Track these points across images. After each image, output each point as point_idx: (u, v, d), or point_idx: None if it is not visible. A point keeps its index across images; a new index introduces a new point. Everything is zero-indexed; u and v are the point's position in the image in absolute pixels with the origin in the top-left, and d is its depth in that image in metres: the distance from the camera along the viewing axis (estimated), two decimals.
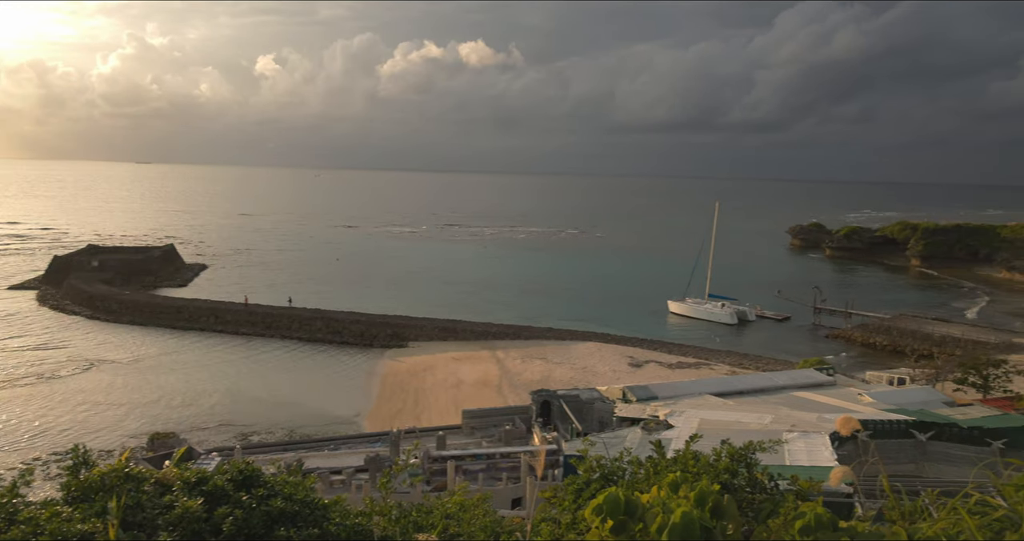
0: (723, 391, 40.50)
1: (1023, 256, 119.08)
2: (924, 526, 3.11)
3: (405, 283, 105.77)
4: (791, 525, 3.16)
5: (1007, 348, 66.05)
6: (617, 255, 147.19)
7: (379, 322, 74.44)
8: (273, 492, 4.69)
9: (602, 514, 3.22)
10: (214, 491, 4.53)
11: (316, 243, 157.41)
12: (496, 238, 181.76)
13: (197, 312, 78.01)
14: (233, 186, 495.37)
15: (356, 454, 34.55)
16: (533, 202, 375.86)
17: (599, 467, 6.02)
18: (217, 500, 4.46)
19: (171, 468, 4.82)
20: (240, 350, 68.01)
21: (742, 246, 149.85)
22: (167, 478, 4.62)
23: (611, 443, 26.61)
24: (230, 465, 4.94)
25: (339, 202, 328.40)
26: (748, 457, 5.57)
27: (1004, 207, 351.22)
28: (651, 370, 60.08)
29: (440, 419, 44.81)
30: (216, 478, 4.67)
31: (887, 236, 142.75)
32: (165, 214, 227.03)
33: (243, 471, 4.79)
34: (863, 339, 75.45)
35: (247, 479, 4.76)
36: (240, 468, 4.83)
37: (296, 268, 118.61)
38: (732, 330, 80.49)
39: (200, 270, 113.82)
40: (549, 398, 38.73)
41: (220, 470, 4.87)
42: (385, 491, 5.45)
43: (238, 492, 4.60)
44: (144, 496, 4.22)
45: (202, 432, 46.11)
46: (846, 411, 33.55)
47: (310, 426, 47.25)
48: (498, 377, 58.30)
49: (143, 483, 4.44)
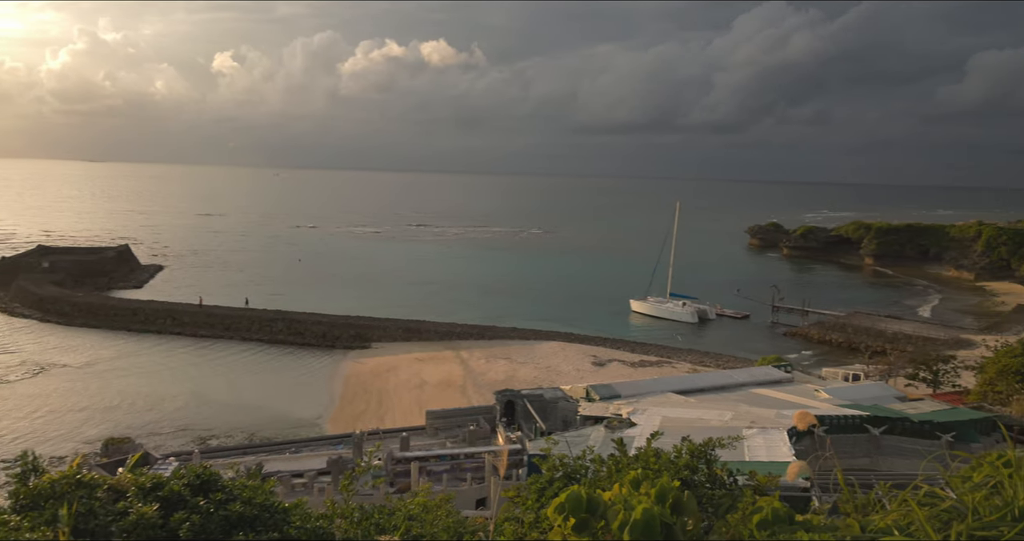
0: (685, 389, 41.08)
1: (970, 255, 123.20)
2: (876, 518, 3.20)
3: (368, 284, 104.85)
4: (749, 519, 3.22)
5: (956, 344, 68.31)
6: (580, 255, 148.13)
7: (342, 323, 73.65)
8: (231, 496, 4.60)
9: (564, 512, 3.23)
10: (170, 496, 4.43)
11: (277, 243, 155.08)
12: (460, 238, 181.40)
13: (153, 314, 76.20)
14: (190, 185, 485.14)
15: (318, 457, 34.11)
16: (496, 202, 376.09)
17: (562, 466, 6.05)
18: (173, 506, 4.37)
19: (125, 474, 4.70)
20: (199, 352, 66.63)
21: (703, 246, 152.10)
22: (121, 484, 4.50)
23: (574, 442, 26.77)
24: (187, 470, 4.84)
25: (300, 202, 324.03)
26: (708, 454, 5.66)
27: (952, 207, 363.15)
28: (614, 369, 60.58)
29: (404, 420, 44.53)
30: (172, 483, 4.56)
31: (842, 236, 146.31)
32: (119, 214, 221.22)
33: (200, 476, 4.69)
34: (819, 336, 77.22)
35: (204, 484, 4.66)
36: (197, 472, 4.73)
37: (256, 269, 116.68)
38: (693, 329, 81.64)
39: (156, 271, 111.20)
40: (513, 398, 38.77)
41: (177, 475, 4.77)
42: (347, 493, 5.39)
43: (195, 497, 4.50)
44: (97, 503, 4.10)
45: (159, 437, 45.06)
46: (804, 407, 34.32)
47: (271, 429, 46.51)
48: (462, 377, 58.17)
49: (96, 490, 4.32)
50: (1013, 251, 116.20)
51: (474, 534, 5.53)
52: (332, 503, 5.27)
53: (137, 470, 4.95)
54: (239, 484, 4.88)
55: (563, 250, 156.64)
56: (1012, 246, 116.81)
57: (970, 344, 67.71)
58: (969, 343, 68.47)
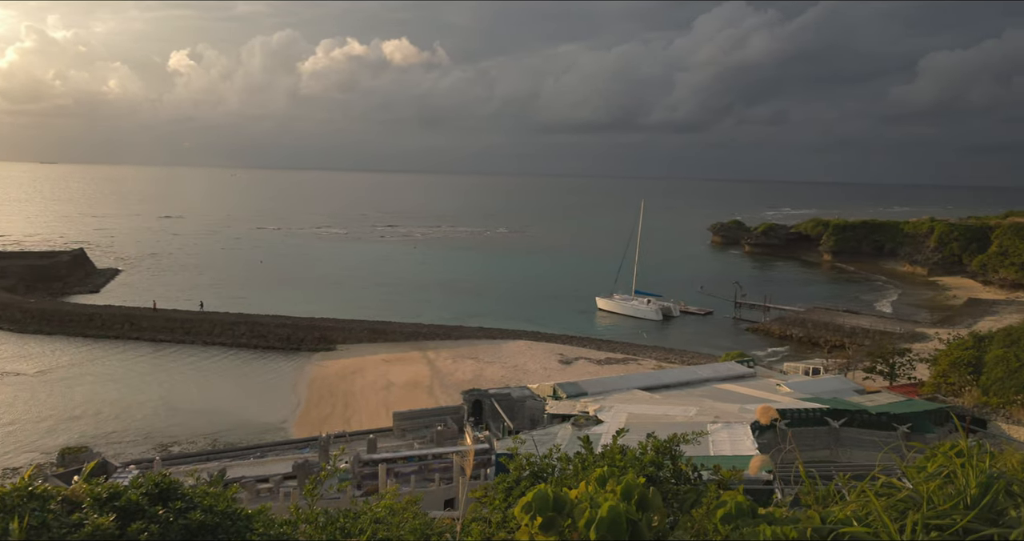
0: (650, 385, 41.51)
1: (923, 251, 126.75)
2: (836, 509, 3.26)
3: (333, 285, 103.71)
4: (713, 514, 3.25)
5: (911, 337, 70.22)
6: (546, 254, 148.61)
7: (306, 325, 72.74)
8: (192, 505, 4.50)
9: (531, 512, 3.23)
10: (128, 506, 4.31)
11: (238, 245, 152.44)
12: (425, 238, 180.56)
13: (111, 319, 74.28)
14: (147, 187, 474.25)
15: (284, 461, 33.65)
16: (462, 202, 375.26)
17: (529, 465, 6.06)
18: (131, 516, 4.25)
19: (80, 484, 4.56)
20: (159, 358, 65.19)
21: (667, 244, 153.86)
22: (76, 495, 4.37)
23: (542, 440, 26.86)
24: (145, 478, 4.71)
25: (262, 203, 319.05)
26: (672, 449, 5.72)
27: (906, 204, 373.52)
28: (581, 367, 60.92)
29: (371, 422, 44.15)
30: (130, 492, 4.44)
31: (801, 233, 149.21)
32: (72, 217, 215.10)
33: (159, 484, 4.57)
34: (780, 332, 78.68)
35: (164, 492, 4.55)
36: (156, 481, 4.62)
37: (217, 271, 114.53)
38: (658, 326, 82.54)
39: (113, 275, 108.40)
40: (480, 397, 38.75)
41: (135, 484, 4.64)
42: (311, 498, 5.32)
43: (154, 506, 4.39)
44: (50, 515, 3.98)
45: (118, 445, 43.96)
46: (766, 401, 34.95)
47: (235, 434, 45.72)
48: (429, 378, 57.92)
49: (49, 501, 4.18)
50: (964, 247, 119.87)
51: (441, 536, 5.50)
52: (296, 508, 5.19)
53: (93, 480, 4.81)
54: (200, 491, 4.78)
55: (530, 249, 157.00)
56: (963, 242, 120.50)
57: (924, 337, 69.65)
58: (923, 336, 70.44)
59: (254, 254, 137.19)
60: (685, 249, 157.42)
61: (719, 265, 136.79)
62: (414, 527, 5.61)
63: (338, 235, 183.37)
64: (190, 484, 5.21)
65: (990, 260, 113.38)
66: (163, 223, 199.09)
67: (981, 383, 41.85)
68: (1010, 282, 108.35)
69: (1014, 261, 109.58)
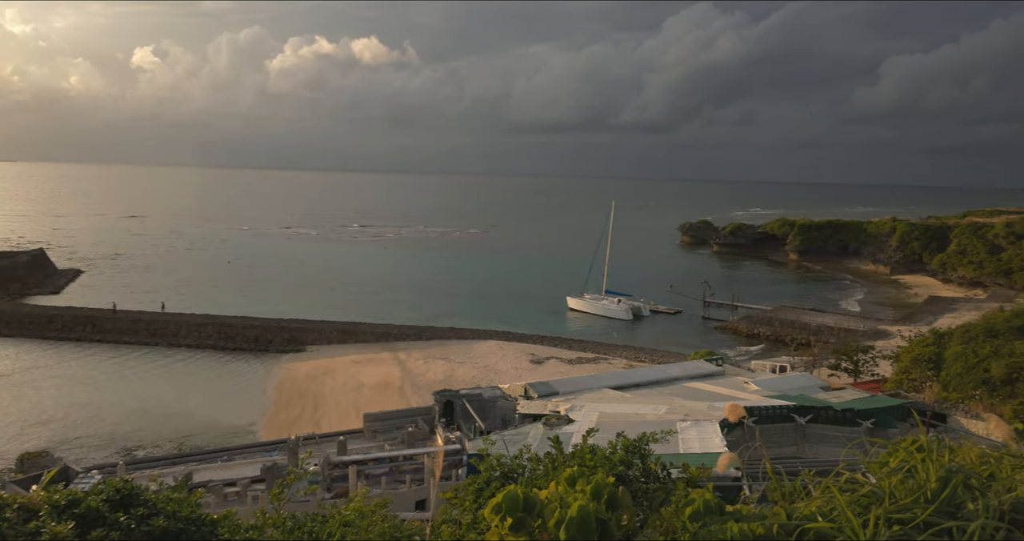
0: (621, 384, 41.78)
1: (885, 250, 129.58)
2: (802, 505, 3.30)
3: (302, 286, 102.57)
4: (682, 512, 3.28)
5: (874, 335, 71.71)
6: (517, 254, 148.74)
7: (274, 326, 71.83)
8: (155, 511, 4.40)
9: (501, 512, 3.23)
10: (87, 513, 4.20)
11: (205, 245, 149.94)
12: (396, 238, 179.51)
13: (72, 321, 72.54)
14: (110, 186, 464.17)
15: (252, 464, 33.17)
16: (433, 202, 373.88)
17: (499, 466, 6.05)
18: (91, 523, 4.14)
19: (38, 491, 4.43)
20: (123, 361, 63.81)
21: (637, 244, 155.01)
22: (33, 502, 4.25)
23: (513, 440, 26.89)
24: (106, 484, 4.60)
25: (229, 202, 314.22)
26: (642, 448, 5.75)
27: (868, 204, 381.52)
28: (552, 366, 61.10)
29: (341, 424, 43.74)
30: (90, 499, 4.33)
31: (768, 232, 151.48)
32: (31, 217, 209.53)
33: (120, 490, 4.46)
34: (748, 330, 79.77)
35: (125, 498, 4.45)
36: (117, 487, 4.50)
37: (183, 272, 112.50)
38: (628, 325, 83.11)
39: (75, 276, 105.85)
40: (452, 398, 38.64)
41: (95, 490, 4.53)
42: (278, 502, 5.24)
43: (115, 513, 4.28)
44: (5, 524, 3.86)
45: (81, 450, 42.96)
46: (734, 399, 35.40)
47: (202, 437, 44.96)
48: (400, 379, 57.59)
49: (4, 510, 4.05)
50: (924, 246, 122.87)
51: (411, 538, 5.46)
52: (263, 513, 5.10)
53: (53, 487, 4.67)
54: (163, 497, 4.67)
55: (500, 249, 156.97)
56: (924, 241, 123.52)
57: (887, 334, 71.16)
58: (886, 334, 71.97)
59: (221, 254, 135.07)
60: (655, 249, 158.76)
61: (688, 264, 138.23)
62: (383, 530, 5.56)
63: (308, 235, 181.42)
64: (153, 489, 5.10)
65: (949, 259, 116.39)
66: (127, 223, 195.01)
67: (941, 379, 42.90)
68: (968, 280, 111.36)
69: (972, 260, 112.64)
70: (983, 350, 42.54)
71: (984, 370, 40.79)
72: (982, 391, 39.84)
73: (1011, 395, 38.78)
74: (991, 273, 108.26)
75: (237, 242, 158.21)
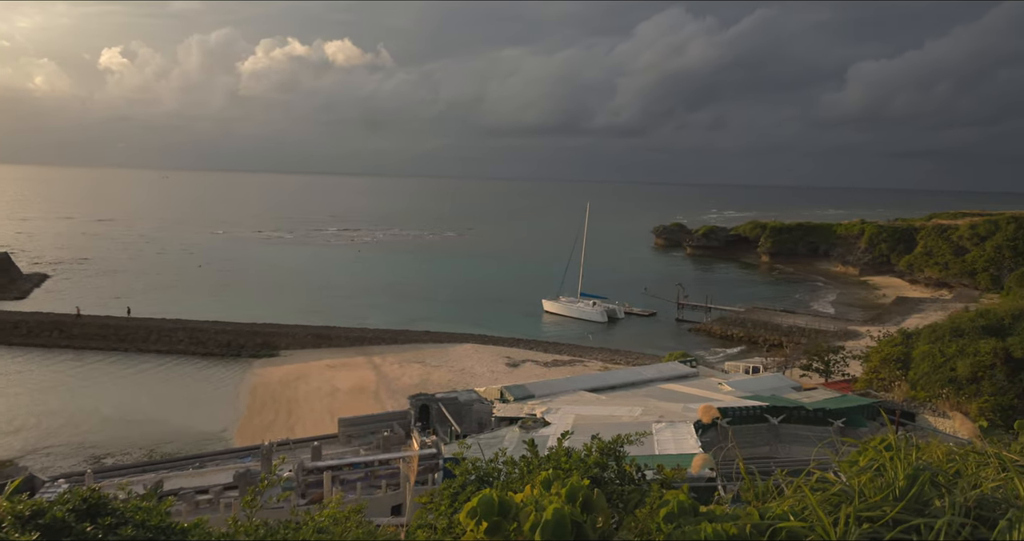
0: (596, 386, 41.92)
1: (854, 251, 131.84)
2: (774, 505, 3.34)
3: (276, 289, 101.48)
4: (656, 513, 3.29)
5: (844, 335, 72.89)
6: (492, 257, 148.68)
7: (247, 331, 70.95)
8: (123, 520, 4.31)
9: (477, 517, 3.22)
10: (53, 524, 4.10)
11: (176, 249, 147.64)
12: (371, 241, 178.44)
13: (38, 327, 70.97)
14: (77, 188, 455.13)
15: (224, 471, 32.67)
16: (408, 204, 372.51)
17: (475, 469, 6.03)
18: (57, 534, 4.05)
19: (1, 501, 4.32)
20: (92, 367, 62.54)
21: (612, 246, 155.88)
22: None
23: (489, 444, 26.85)
24: (72, 493, 4.49)
25: (201, 206, 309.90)
26: (617, 450, 5.77)
27: (838, 207, 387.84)
28: (528, 369, 61.14)
29: (315, 429, 43.34)
30: (55, 509, 4.23)
31: (740, 235, 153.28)
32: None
33: (87, 499, 4.37)
34: (721, 331, 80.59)
35: (92, 507, 4.35)
36: (84, 496, 4.41)
37: (153, 276, 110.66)
38: (603, 327, 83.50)
39: (41, 281, 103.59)
40: (427, 402, 38.46)
41: (60, 500, 4.42)
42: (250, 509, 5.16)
43: (82, 523, 4.19)
44: None
45: (48, 457, 42.00)
46: (709, 400, 35.72)
47: (173, 444, 44.21)
48: (375, 383, 57.21)
49: None
50: (892, 247, 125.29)
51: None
52: (235, 520, 5.03)
53: (16, 496, 4.56)
54: (132, 506, 4.58)
55: (475, 252, 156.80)
56: (891, 243, 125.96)
57: (856, 335, 72.37)
58: (856, 334, 73.19)
59: (192, 258, 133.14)
60: (629, 251, 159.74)
61: (662, 267, 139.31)
62: (357, 536, 5.50)
63: (281, 238, 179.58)
64: (122, 498, 5.00)
65: (916, 260, 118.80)
66: (96, 226, 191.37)
67: (910, 378, 43.74)
68: (934, 281, 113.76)
69: (938, 261, 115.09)
70: (949, 349, 43.46)
71: (951, 369, 41.67)
72: (949, 390, 40.70)
73: (976, 393, 39.67)
74: (956, 274, 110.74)
75: (209, 246, 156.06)
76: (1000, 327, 44.44)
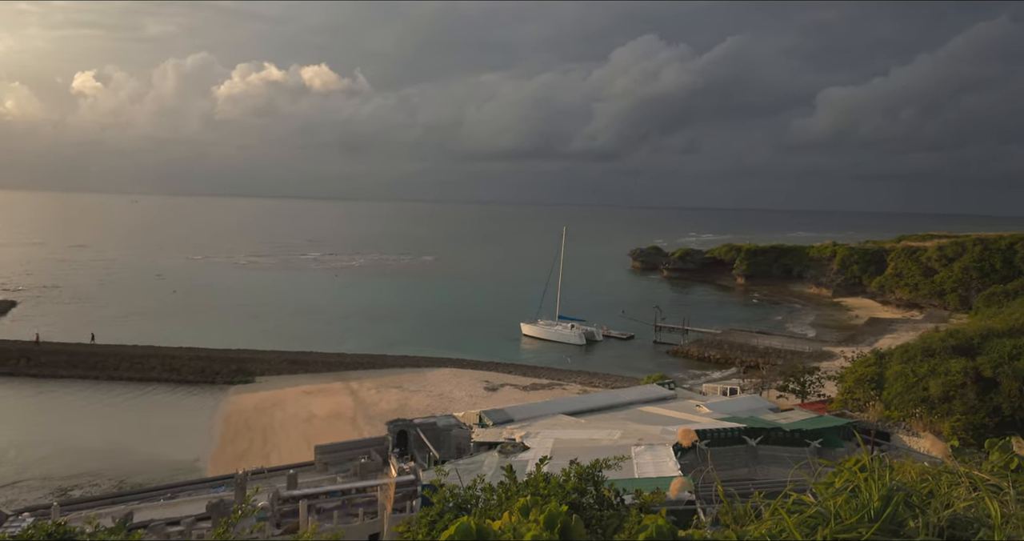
0: (575, 410, 41.78)
1: (827, 273, 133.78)
2: (752, 528, 3.34)
3: (251, 315, 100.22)
4: (635, 538, 3.28)
5: (819, 356, 73.61)
6: (471, 281, 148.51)
7: (221, 357, 69.84)
8: None
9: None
10: None
11: (149, 275, 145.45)
12: (348, 266, 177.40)
13: (4, 354, 69.23)
14: (49, 214, 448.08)
15: (197, 501, 31.89)
16: (385, 229, 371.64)
17: (452, 497, 5.95)
18: None
19: None
20: (59, 395, 61.02)
21: (589, 269, 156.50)
22: None
23: (467, 470, 26.58)
24: (37, 528, 4.37)
25: (176, 231, 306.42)
26: (595, 475, 5.74)
27: (809, 229, 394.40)
28: (507, 393, 60.79)
29: (291, 457, 42.56)
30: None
31: (715, 257, 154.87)
32: None
33: (53, 533, 4.25)
34: (699, 353, 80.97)
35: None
36: (49, 530, 4.28)
37: (125, 304, 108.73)
38: (581, 350, 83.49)
39: (8, 308, 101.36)
40: (405, 427, 38.02)
41: (24, 535, 4.30)
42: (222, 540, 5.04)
43: None
44: None
45: (12, 490, 40.74)
46: (687, 423, 35.76)
47: (144, 474, 43.10)
48: (352, 409, 56.47)
49: None
50: (864, 269, 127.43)
51: None
52: None
53: None
54: (99, 539, 4.46)
55: (454, 276, 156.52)
56: (863, 264, 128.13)
57: (831, 356, 73.11)
58: (830, 355, 73.94)
59: (167, 284, 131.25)
60: (606, 274, 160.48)
61: (639, 289, 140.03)
62: None
63: (257, 263, 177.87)
64: (89, 531, 4.86)
65: (887, 281, 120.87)
66: (67, 252, 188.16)
67: (883, 398, 44.17)
68: (905, 301, 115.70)
69: (908, 282, 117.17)
70: (921, 369, 44.01)
71: (923, 389, 42.17)
72: (922, 409, 41.16)
73: (948, 412, 40.16)
74: (926, 295, 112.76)
75: (183, 271, 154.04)
76: (970, 347, 45.15)
